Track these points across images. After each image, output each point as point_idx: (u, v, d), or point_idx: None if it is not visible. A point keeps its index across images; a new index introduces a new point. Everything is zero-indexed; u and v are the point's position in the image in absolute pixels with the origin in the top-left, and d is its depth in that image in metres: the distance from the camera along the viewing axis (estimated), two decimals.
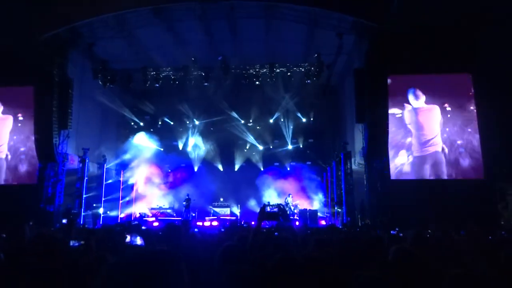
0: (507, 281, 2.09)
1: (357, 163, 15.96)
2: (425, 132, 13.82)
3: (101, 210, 17.06)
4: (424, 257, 2.99)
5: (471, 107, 13.79)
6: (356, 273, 1.95)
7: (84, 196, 15.84)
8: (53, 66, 14.75)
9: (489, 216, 11.97)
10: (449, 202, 12.05)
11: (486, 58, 12.78)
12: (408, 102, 14.07)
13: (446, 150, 13.56)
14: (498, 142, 12.92)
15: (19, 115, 15.20)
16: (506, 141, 12.66)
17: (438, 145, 13.66)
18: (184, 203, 17.64)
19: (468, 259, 3.17)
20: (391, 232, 7.64)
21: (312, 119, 20.06)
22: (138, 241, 3.94)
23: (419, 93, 14.06)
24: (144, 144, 19.83)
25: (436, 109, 13.93)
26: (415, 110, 14.02)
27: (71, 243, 4.14)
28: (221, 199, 18.68)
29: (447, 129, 13.75)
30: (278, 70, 16.75)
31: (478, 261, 2.99)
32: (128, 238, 3.97)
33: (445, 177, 13.32)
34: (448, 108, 13.87)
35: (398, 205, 12.46)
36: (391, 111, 13.93)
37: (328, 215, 17.72)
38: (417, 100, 14.04)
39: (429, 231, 7.25)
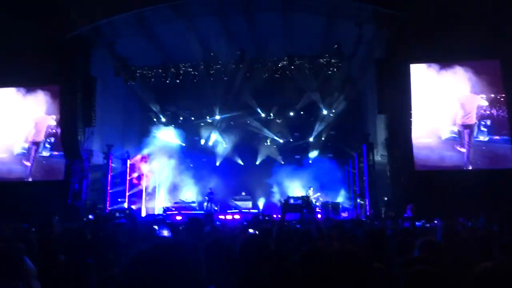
0: None
1: (380, 154, 15.70)
2: (453, 117, 13.46)
3: (125, 205, 17.42)
4: (453, 249, 2.91)
5: (501, 95, 13.31)
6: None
7: (109, 191, 16.22)
8: (76, 65, 15.11)
9: None
10: (476, 193, 11.69)
11: None
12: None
13: (478, 137, 13.18)
14: None
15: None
16: None
17: (469, 130, 13.28)
18: (206, 197, 17.84)
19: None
20: (416, 224, 7.50)
21: (333, 111, 19.81)
22: (165, 233, 4.04)
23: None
24: (166, 139, 20.09)
25: (471, 97, 13.52)
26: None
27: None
28: (243, 193, 18.76)
29: (477, 116, 13.34)
30: (297, 62, 16.59)
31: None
32: (156, 227, 4.09)
33: (473, 166, 12.96)
34: (481, 96, 13.44)
35: (423, 196, 12.20)
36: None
37: (351, 207, 17.54)
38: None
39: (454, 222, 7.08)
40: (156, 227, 4.16)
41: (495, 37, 12.72)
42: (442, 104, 13.64)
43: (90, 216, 12.07)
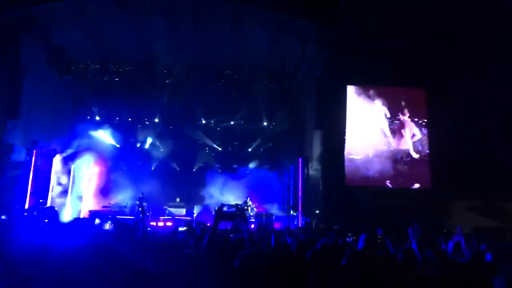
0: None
1: (314, 168, 16.30)
2: (384, 138, 14.40)
3: (48, 205, 16.16)
4: (376, 259, 3.10)
5: (423, 121, 14.53)
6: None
7: (29, 190, 14.96)
8: (2, 51, 13.84)
9: (434, 224, 12.64)
10: (399, 209, 12.60)
11: (440, 75, 13.55)
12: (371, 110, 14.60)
13: (402, 157, 14.20)
14: (445, 156, 13.69)
15: None
16: (453, 156, 13.44)
17: (394, 151, 14.28)
18: (137, 202, 17.15)
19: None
20: (347, 239, 7.86)
21: (273, 123, 20.25)
22: (107, 226, 3.84)
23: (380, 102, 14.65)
24: (99, 138, 19.09)
25: (406, 122, 14.56)
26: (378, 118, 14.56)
27: None
28: (177, 199, 18.37)
29: (402, 138, 14.41)
30: (241, 73, 16.77)
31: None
32: (97, 221, 3.88)
33: (397, 184, 13.94)
34: (404, 119, 14.55)
35: (352, 211, 12.85)
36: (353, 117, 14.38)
37: (284, 218, 17.92)
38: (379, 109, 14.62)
39: (379, 237, 7.53)
40: (98, 220, 3.95)
41: (421, 67, 13.94)
42: (374, 125, 14.55)
43: (3, 217, 11.00)
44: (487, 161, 12.95)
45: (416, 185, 14.00)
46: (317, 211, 15.02)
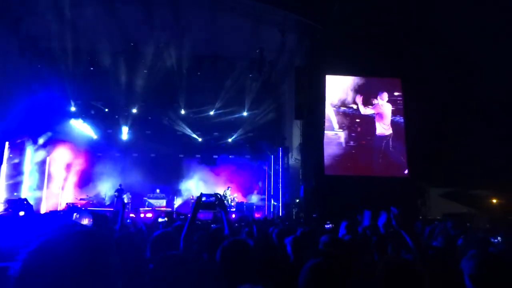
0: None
1: (294, 158, 16.45)
2: (360, 127, 14.62)
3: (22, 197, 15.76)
4: (353, 245, 3.18)
5: (400, 110, 14.82)
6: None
7: (3, 183, 14.54)
8: None
9: (411, 211, 13.01)
10: (377, 197, 12.85)
11: (413, 63, 13.80)
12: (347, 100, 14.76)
13: (380, 146, 14.47)
14: (421, 145, 14.03)
15: None
16: (428, 144, 13.79)
17: (372, 140, 14.54)
18: (115, 193, 16.93)
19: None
20: (326, 226, 7.99)
21: (253, 113, 20.25)
22: (85, 221, 3.74)
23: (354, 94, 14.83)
24: (75, 129, 18.65)
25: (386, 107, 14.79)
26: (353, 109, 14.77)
27: None
28: (157, 190, 18.21)
29: (380, 127, 14.67)
30: (221, 62, 16.65)
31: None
32: (75, 216, 3.78)
33: (375, 173, 14.21)
34: (381, 108, 14.80)
35: (331, 200, 13.05)
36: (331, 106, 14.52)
37: (264, 208, 18.07)
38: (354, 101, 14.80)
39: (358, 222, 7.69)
40: (76, 214, 3.85)
41: (398, 57, 14.17)
42: (352, 114, 14.74)
43: None
44: (462, 149, 13.36)
45: (393, 173, 14.31)
46: (297, 200, 15.22)
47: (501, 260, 1.96)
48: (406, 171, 14.36)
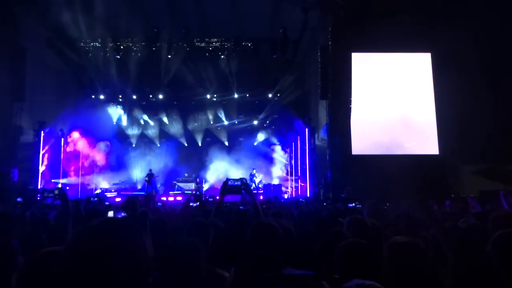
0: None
1: (320, 138, 16.30)
2: (390, 105, 14.26)
3: (59, 185, 16.51)
4: (376, 225, 3.16)
5: (429, 86, 14.32)
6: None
7: (40, 171, 15.24)
8: (3, 33, 13.74)
9: (442, 189, 12.72)
10: (407, 176, 12.60)
11: (444, 38, 13.22)
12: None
13: (409, 123, 14.12)
14: (453, 122, 13.56)
15: None
16: (460, 121, 13.31)
17: (401, 118, 14.18)
18: (146, 178, 17.43)
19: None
20: (349, 205, 7.96)
21: (278, 95, 20.11)
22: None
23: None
24: (105, 117, 19.19)
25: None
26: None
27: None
28: (186, 174, 18.60)
29: (408, 105, 14.26)
30: (243, 44, 16.52)
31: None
32: (110, 214, 3.93)
33: (404, 151, 13.91)
34: (409, 85, 14.35)
35: (359, 180, 12.91)
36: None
37: (292, 189, 18.13)
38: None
39: (387, 204, 7.61)
40: (111, 213, 4.00)
41: (428, 31, 13.60)
42: (380, 92, 14.38)
43: (19, 199, 11.26)
44: (494, 124, 12.83)
45: (423, 151, 13.95)
46: (325, 180, 15.15)
47: None
48: (436, 149, 13.96)
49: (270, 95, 19.98)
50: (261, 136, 20.30)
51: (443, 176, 13.50)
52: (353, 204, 6.84)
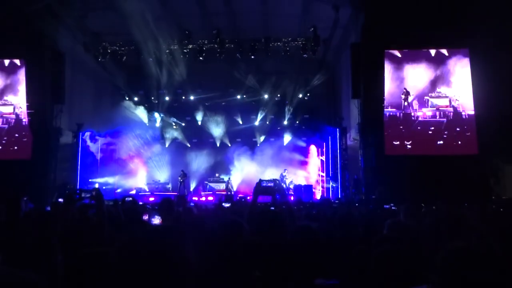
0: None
1: (352, 138, 16.01)
2: (425, 104, 13.82)
3: (96, 185, 17.08)
4: (417, 228, 3.04)
5: (467, 82, 13.72)
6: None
7: (79, 171, 15.84)
8: (43, 39, 14.39)
9: (482, 190, 12.15)
10: (444, 176, 12.15)
11: (483, 33, 12.63)
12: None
13: (445, 123, 13.61)
14: (493, 120, 12.93)
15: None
16: (500, 119, 12.67)
17: (436, 117, 13.70)
18: (179, 178, 17.74)
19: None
20: (385, 206, 7.76)
21: (308, 94, 19.93)
22: (156, 220, 3.96)
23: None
24: (139, 119, 19.70)
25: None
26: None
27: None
28: (217, 174, 18.79)
29: (444, 103, 13.75)
30: (273, 44, 16.49)
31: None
32: (146, 217, 4.01)
33: (440, 151, 13.41)
34: (448, 82, 13.82)
35: (392, 181, 12.56)
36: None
37: (323, 190, 17.92)
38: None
39: (422, 205, 7.35)
40: (146, 216, 4.09)
41: (466, 25, 13.02)
42: (415, 91, 13.94)
43: (60, 199, 11.74)
44: None
45: (461, 151, 13.39)
46: (357, 182, 14.86)
47: None
48: (475, 148, 13.35)
49: (300, 95, 19.83)
50: (291, 137, 20.19)
51: (484, 176, 12.87)
52: (389, 206, 6.65)
